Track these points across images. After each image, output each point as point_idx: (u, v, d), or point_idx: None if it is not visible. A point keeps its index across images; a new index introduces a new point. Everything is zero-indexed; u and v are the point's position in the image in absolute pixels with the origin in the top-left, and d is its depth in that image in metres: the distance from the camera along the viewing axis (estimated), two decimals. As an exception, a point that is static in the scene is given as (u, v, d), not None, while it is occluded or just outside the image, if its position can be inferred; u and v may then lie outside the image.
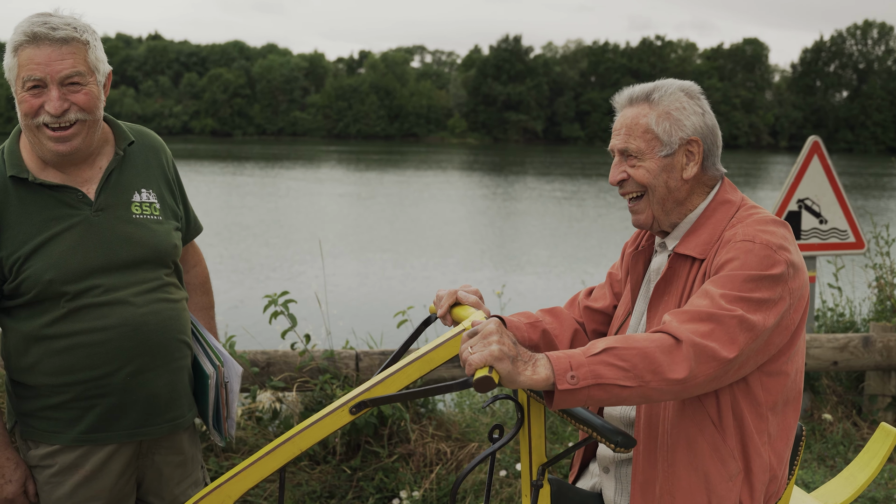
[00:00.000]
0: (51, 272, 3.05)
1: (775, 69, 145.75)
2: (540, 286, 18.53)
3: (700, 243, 2.86)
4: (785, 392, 2.81)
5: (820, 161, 7.32)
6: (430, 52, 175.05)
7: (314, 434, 2.72)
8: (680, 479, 2.76)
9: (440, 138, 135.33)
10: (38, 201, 3.09)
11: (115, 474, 3.25)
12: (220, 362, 3.48)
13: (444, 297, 3.10)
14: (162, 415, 3.30)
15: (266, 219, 31.14)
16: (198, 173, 52.41)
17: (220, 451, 5.71)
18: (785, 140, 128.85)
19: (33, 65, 2.97)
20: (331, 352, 5.82)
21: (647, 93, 2.95)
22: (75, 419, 3.17)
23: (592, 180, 54.02)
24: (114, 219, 3.18)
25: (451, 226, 30.60)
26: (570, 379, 2.39)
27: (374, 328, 7.44)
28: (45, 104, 3.00)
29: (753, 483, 2.77)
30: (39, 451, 3.22)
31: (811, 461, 6.48)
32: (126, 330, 3.14)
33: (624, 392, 2.43)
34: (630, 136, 2.92)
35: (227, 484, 2.77)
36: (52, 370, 3.12)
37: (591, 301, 3.35)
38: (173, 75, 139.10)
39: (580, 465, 3.25)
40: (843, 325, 7.83)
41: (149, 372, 3.22)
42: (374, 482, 5.55)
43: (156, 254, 3.26)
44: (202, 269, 3.79)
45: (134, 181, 3.29)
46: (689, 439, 2.75)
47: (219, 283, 18.21)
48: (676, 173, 2.91)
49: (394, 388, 2.71)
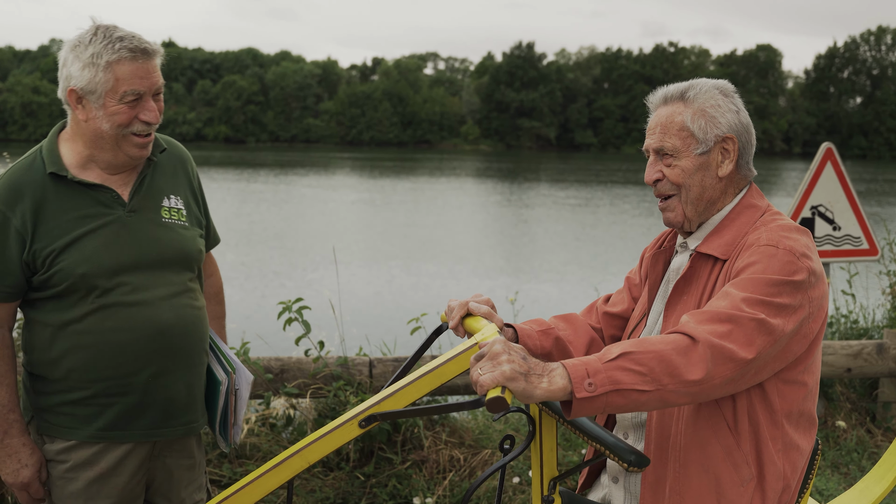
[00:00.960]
0: (84, 266, 3.14)
1: (788, 75, 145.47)
2: (554, 293, 18.51)
3: (723, 244, 2.86)
4: (801, 403, 2.80)
5: (833, 168, 7.32)
6: (443, 59, 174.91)
7: (323, 447, 2.71)
8: (691, 480, 2.75)
9: (453, 145, 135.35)
10: (75, 198, 3.21)
11: (128, 474, 3.31)
12: (233, 369, 3.54)
13: (456, 309, 3.05)
14: (178, 417, 3.37)
15: (280, 226, 31.21)
16: (212, 180, 52.53)
17: (234, 458, 5.73)
18: (798, 146, 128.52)
19: (136, 79, 3.13)
20: (344, 358, 5.83)
21: (682, 91, 2.96)
22: (94, 416, 3.23)
23: (607, 187, 53.96)
24: (145, 220, 3.30)
25: (464, 233, 30.61)
26: (588, 386, 2.37)
27: (388, 335, 7.45)
28: (139, 114, 3.17)
29: (766, 491, 2.76)
30: (55, 445, 3.28)
31: (825, 468, 6.46)
32: (152, 332, 3.23)
33: (642, 397, 2.42)
34: (665, 135, 2.92)
35: (234, 496, 2.77)
36: (76, 365, 3.19)
37: (609, 307, 3.34)
38: (187, 82, 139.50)
39: (588, 474, 3.25)
40: (856, 332, 7.81)
41: (170, 375, 3.30)
42: (388, 489, 5.56)
43: (182, 256, 3.36)
44: (217, 279, 3.90)
45: (164, 187, 3.41)
46: (703, 441, 2.74)
47: (233, 289, 18.25)
48: (712, 171, 2.91)
49: (404, 401, 2.69)
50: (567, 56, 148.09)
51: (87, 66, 3.09)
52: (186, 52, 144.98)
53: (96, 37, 3.12)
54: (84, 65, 3.09)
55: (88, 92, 3.12)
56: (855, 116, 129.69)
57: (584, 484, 3.24)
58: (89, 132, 3.19)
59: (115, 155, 3.23)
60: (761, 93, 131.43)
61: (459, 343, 2.89)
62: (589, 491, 3.22)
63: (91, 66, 3.09)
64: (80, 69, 3.10)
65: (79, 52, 3.11)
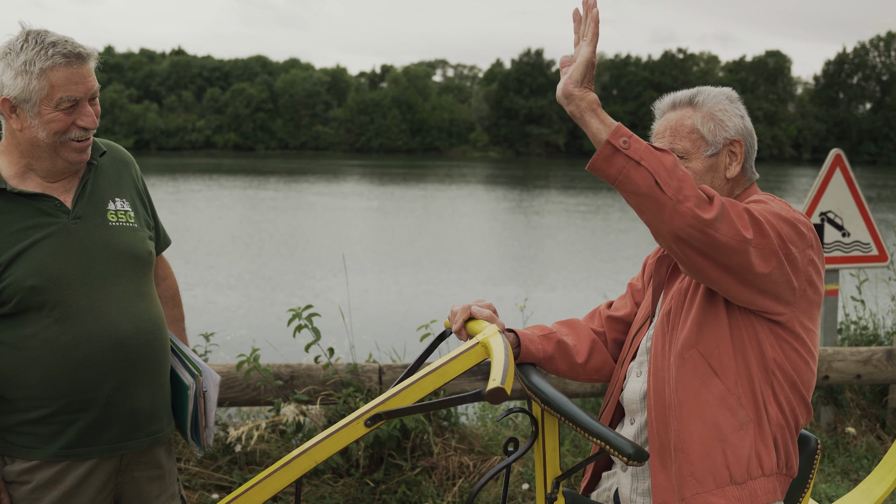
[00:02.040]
0: (32, 278, 3.04)
1: (798, 81, 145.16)
2: (563, 301, 18.51)
3: None
4: (795, 372, 2.86)
5: (842, 174, 7.32)
6: (451, 66, 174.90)
7: (329, 446, 2.73)
8: (691, 433, 2.80)
9: (462, 152, 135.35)
10: (16, 210, 3.11)
11: (94, 490, 3.21)
12: (198, 371, 3.47)
13: (459, 313, 3.13)
14: (143, 428, 3.28)
15: (290, 233, 31.26)
16: (222, 188, 52.67)
17: (244, 464, 5.75)
18: (808, 152, 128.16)
19: (71, 85, 3.03)
20: (354, 365, 5.85)
21: (691, 97, 3.07)
22: (55, 434, 3.13)
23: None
24: (91, 226, 3.20)
25: (474, 240, 30.63)
26: (622, 143, 2.51)
27: (398, 342, 7.47)
28: (76, 120, 3.08)
29: (764, 432, 2.81)
30: (16, 466, 3.16)
31: (834, 475, 6.46)
32: (110, 344, 3.13)
33: (654, 192, 2.51)
34: (676, 137, 3.01)
35: (243, 496, 2.78)
36: (34, 383, 3.09)
37: (612, 311, 3.40)
38: (196, 90, 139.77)
39: (592, 475, 3.28)
40: (866, 339, 7.80)
41: (132, 386, 3.21)
42: (397, 495, 5.57)
43: (133, 259, 3.27)
44: (172, 282, 3.76)
45: (108, 190, 3.32)
46: (695, 392, 2.81)
47: (243, 297, 18.30)
48: (720, 173, 3.02)
49: (409, 400, 2.73)
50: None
51: (20, 74, 3.00)
52: (196, 59, 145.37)
53: (27, 43, 3.01)
54: (16, 73, 3.00)
55: (22, 101, 3.02)
56: (864, 122, 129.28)
57: (588, 484, 3.27)
58: (25, 141, 3.10)
59: (53, 162, 3.14)
60: (770, 99, 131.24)
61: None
62: (594, 490, 3.26)
63: (24, 74, 2.99)
64: (13, 77, 3.01)
65: (10, 60, 3.02)
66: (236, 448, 5.74)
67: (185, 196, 46.20)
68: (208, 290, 18.84)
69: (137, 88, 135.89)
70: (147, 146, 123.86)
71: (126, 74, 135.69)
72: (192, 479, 5.59)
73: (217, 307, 16.95)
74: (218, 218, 36.10)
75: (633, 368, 3.10)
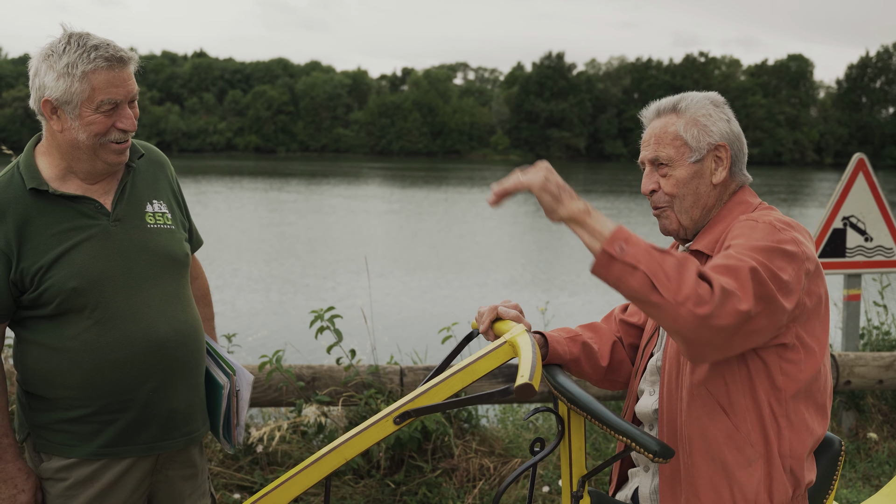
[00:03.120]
0: (74, 280, 3.08)
1: (820, 85, 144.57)
2: (584, 305, 18.48)
3: (712, 240, 2.94)
4: (808, 384, 2.82)
5: (865, 178, 7.30)
6: (472, 70, 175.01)
7: (358, 444, 2.76)
8: (699, 469, 2.80)
9: (483, 155, 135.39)
10: (58, 212, 3.14)
11: (129, 488, 3.25)
12: (232, 371, 3.51)
13: (486, 314, 3.15)
14: (180, 429, 3.32)
15: (312, 235, 31.31)
16: (243, 190, 52.81)
17: (266, 465, 5.78)
18: (830, 157, 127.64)
19: (112, 88, 3.06)
20: (375, 367, 5.87)
21: (674, 103, 3.06)
22: (94, 433, 3.18)
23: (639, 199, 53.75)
24: (131, 228, 3.23)
25: (495, 243, 30.61)
26: (619, 248, 2.52)
27: (419, 344, 7.49)
28: (116, 122, 3.11)
29: (774, 467, 2.78)
30: (53, 463, 3.21)
31: (856, 480, 6.44)
32: (150, 346, 3.17)
33: (651, 296, 2.49)
34: (659, 145, 3.01)
35: (272, 494, 2.81)
36: (74, 384, 3.13)
37: (626, 315, 3.42)
38: (218, 92, 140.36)
39: (618, 475, 3.30)
40: (888, 344, 7.78)
41: (170, 388, 3.25)
42: (418, 497, 5.59)
43: (172, 262, 3.31)
44: (203, 282, 3.81)
45: (146, 192, 3.35)
46: (703, 428, 2.80)
47: (265, 299, 18.35)
48: (706, 179, 2.99)
49: (437, 398, 2.76)
50: (597, 66, 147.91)
51: (62, 77, 3.02)
52: (217, 62, 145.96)
53: (70, 45, 3.04)
54: (59, 75, 3.03)
55: (64, 102, 3.05)
56: (887, 126, 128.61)
57: (614, 489, 3.29)
58: (65, 143, 3.12)
59: (92, 164, 3.17)
60: (792, 103, 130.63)
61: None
62: (620, 490, 3.27)
63: (66, 77, 3.02)
64: (55, 79, 3.03)
65: (52, 62, 3.04)
66: (258, 448, 5.77)
67: (207, 198, 46.33)
68: (231, 291, 18.90)
69: (159, 91, 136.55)
70: (169, 148, 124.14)
71: (148, 77, 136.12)
72: (214, 479, 5.62)
73: (240, 309, 17.01)
74: (240, 220, 36.20)
75: (646, 385, 3.12)
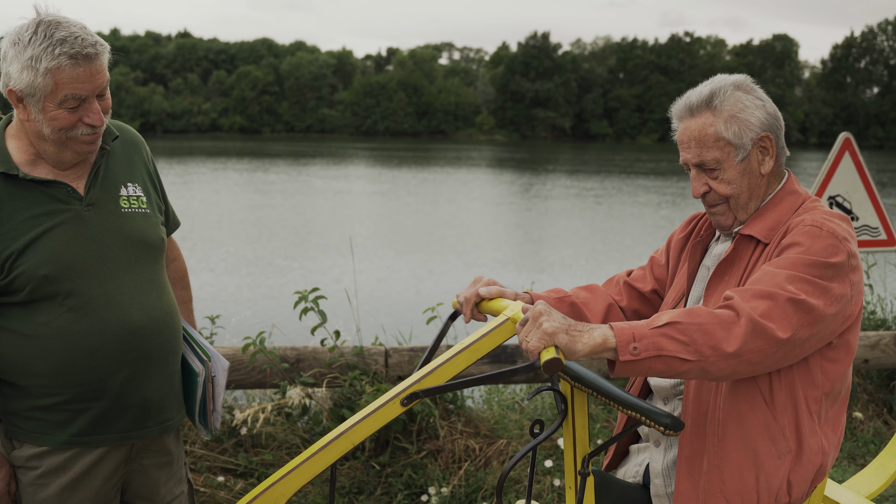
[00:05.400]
0: (45, 267, 3.01)
1: (805, 65, 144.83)
2: (570, 283, 18.50)
3: (766, 227, 2.92)
4: (841, 381, 2.87)
5: (851, 158, 7.27)
6: (458, 49, 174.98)
7: (366, 428, 2.74)
8: (729, 453, 2.80)
9: (468, 135, 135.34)
10: (28, 197, 3.05)
11: (102, 477, 3.20)
12: (208, 357, 3.46)
13: (464, 304, 3.15)
14: (153, 418, 3.27)
15: (296, 217, 31.27)
16: (229, 170, 52.66)
17: (250, 447, 5.75)
18: (815, 137, 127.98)
19: (77, 84, 2.94)
20: (360, 348, 5.84)
21: (707, 100, 2.97)
22: (66, 421, 3.12)
23: (627, 178, 53.81)
24: (104, 213, 3.16)
25: (481, 223, 30.62)
26: (633, 350, 2.50)
27: (404, 325, 7.47)
28: (83, 117, 3.00)
29: (804, 463, 2.81)
30: (24, 451, 3.15)
31: (841, 459, 6.45)
32: (123, 334, 3.11)
33: (684, 366, 2.53)
34: (702, 148, 2.95)
35: (279, 483, 2.77)
36: (46, 371, 3.07)
37: (631, 279, 3.43)
38: (202, 73, 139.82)
39: (615, 453, 3.30)
40: (874, 323, 7.78)
41: (144, 376, 3.19)
42: (403, 478, 5.56)
43: (147, 247, 3.24)
44: (180, 264, 3.73)
45: (120, 175, 3.27)
46: (741, 415, 2.80)
47: (249, 279, 18.30)
48: (756, 172, 2.97)
49: (443, 378, 2.75)
50: (582, 46, 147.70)
51: (26, 69, 2.91)
52: (201, 42, 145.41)
53: (36, 36, 2.91)
54: (22, 67, 2.91)
55: (28, 95, 2.95)
56: (872, 106, 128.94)
57: (610, 462, 3.28)
58: (32, 132, 3.05)
59: (60, 153, 3.08)
60: (777, 83, 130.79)
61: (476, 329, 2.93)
62: (617, 469, 3.29)
63: (29, 70, 2.90)
64: (19, 71, 2.92)
65: (18, 51, 2.92)
66: (242, 431, 5.74)
67: (191, 179, 46.21)
68: (215, 272, 18.86)
69: (143, 71, 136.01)
70: (153, 129, 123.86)
71: (132, 57, 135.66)
72: (198, 461, 5.59)
73: (223, 290, 16.97)
74: (224, 201, 36.11)
75: None
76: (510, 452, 5.86)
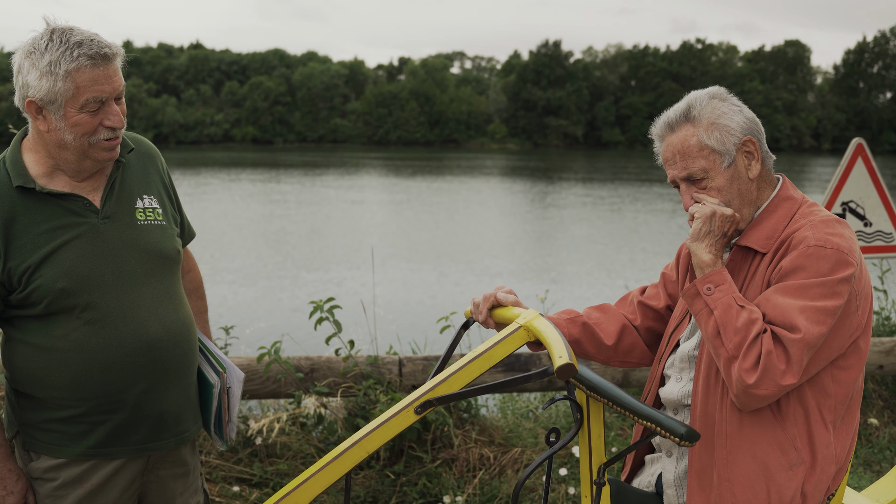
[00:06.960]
0: (62, 280, 3.02)
1: (817, 71, 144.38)
2: (585, 294, 18.47)
3: (762, 237, 2.92)
4: (854, 386, 2.87)
5: (864, 163, 7.26)
6: (469, 58, 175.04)
7: (380, 436, 2.75)
8: (738, 466, 2.80)
9: (480, 144, 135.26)
10: (45, 210, 3.06)
11: (119, 489, 3.21)
12: (223, 368, 3.47)
13: (482, 302, 3.16)
14: (170, 429, 3.28)
15: (310, 226, 31.30)
16: (243, 181, 52.75)
17: (265, 457, 5.76)
18: (828, 142, 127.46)
19: (97, 86, 2.95)
20: (374, 357, 5.85)
21: (685, 113, 2.99)
22: (83, 433, 3.13)
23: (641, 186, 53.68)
24: (121, 226, 3.16)
25: (494, 232, 30.59)
26: (706, 289, 2.79)
27: (418, 334, 7.48)
28: (104, 121, 3.01)
29: (818, 473, 2.80)
30: (42, 463, 3.16)
31: (857, 466, 6.43)
32: (140, 347, 3.12)
33: (715, 340, 2.71)
34: (688, 160, 2.95)
35: (295, 492, 2.78)
36: (64, 384, 3.08)
37: (644, 298, 3.41)
38: (214, 84, 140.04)
39: (633, 463, 3.29)
40: (888, 329, 7.76)
41: (161, 389, 3.20)
42: (418, 487, 5.57)
43: (163, 260, 3.24)
44: (196, 275, 3.74)
45: (136, 188, 3.27)
46: (748, 427, 2.80)
47: (264, 289, 18.33)
48: (744, 177, 2.96)
49: (456, 386, 2.76)
50: (594, 54, 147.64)
51: (45, 76, 2.91)
52: (214, 53, 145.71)
53: (52, 42, 2.92)
54: (41, 74, 2.91)
55: (48, 102, 2.95)
56: (885, 112, 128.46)
57: (630, 473, 3.28)
58: (52, 143, 3.03)
59: (80, 162, 3.08)
60: (790, 89, 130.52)
61: (489, 337, 2.93)
62: (635, 477, 3.28)
63: (49, 76, 2.91)
64: (38, 78, 2.92)
65: (35, 60, 2.93)
66: (257, 441, 5.75)
67: (205, 190, 46.31)
68: (229, 283, 18.88)
69: (156, 83, 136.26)
70: (166, 140, 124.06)
71: (144, 69, 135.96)
72: (213, 471, 5.60)
73: (238, 300, 16.99)
74: (238, 211, 36.17)
75: (673, 371, 3.09)
76: (525, 461, 5.86)
